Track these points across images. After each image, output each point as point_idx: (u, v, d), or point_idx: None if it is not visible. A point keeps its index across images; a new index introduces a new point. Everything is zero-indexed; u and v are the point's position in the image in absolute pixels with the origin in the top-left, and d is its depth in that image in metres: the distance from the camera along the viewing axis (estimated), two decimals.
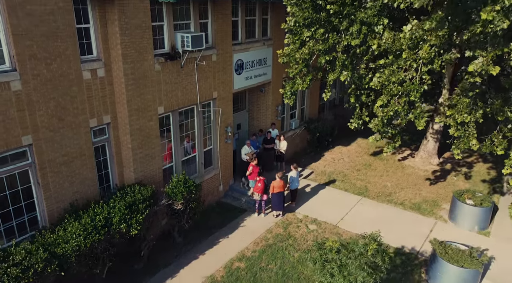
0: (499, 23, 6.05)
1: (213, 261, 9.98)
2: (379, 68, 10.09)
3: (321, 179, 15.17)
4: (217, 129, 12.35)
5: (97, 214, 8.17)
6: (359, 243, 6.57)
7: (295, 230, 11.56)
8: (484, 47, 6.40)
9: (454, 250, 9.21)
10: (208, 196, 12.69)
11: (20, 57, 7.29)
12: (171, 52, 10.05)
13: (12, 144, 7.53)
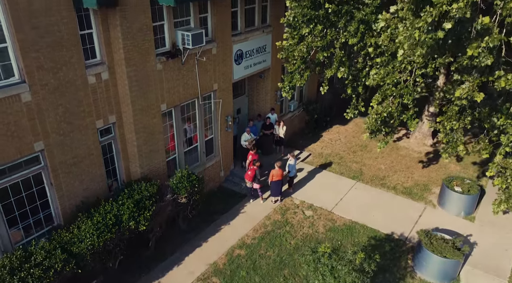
0: (483, 59, 6.30)
1: (216, 249, 10.77)
2: (375, 65, 10.31)
3: (318, 162, 15.75)
4: (218, 119, 12.73)
5: (107, 212, 8.79)
6: (349, 251, 7.21)
7: (292, 217, 12.29)
8: (470, 72, 6.64)
9: (439, 240, 9.95)
10: (210, 182, 13.32)
11: (29, 69, 7.55)
12: (172, 50, 10.22)
13: (25, 151, 7.97)
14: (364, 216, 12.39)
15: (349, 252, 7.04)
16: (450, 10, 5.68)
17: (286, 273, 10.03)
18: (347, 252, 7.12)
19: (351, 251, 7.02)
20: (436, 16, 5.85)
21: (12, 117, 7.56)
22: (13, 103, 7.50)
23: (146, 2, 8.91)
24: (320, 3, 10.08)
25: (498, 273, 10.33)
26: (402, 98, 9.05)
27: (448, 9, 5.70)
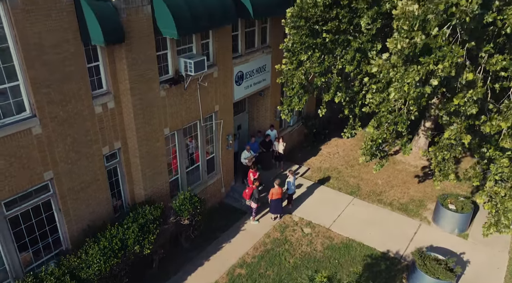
0: (469, 109, 6.66)
1: (217, 268, 11.13)
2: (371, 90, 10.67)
3: (317, 177, 16.12)
4: (219, 138, 13.09)
5: (113, 237, 9.15)
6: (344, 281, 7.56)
7: (291, 234, 12.66)
8: (458, 115, 7.01)
9: (432, 261, 10.31)
10: (211, 199, 13.68)
11: (39, 104, 7.91)
12: (175, 77, 10.57)
13: (35, 181, 8.33)
14: (361, 234, 12.76)
15: (345, 282, 7.41)
16: (436, 70, 6.05)
17: None
18: (343, 282, 7.48)
19: (346, 281, 7.38)
20: (423, 74, 6.22)
21: (24, 150, 7.91)
22: (24, 136, 7.85)
23: (150, 36, 9.26)
24: (318, 31, 10.45)
25: None
26: (397, 126, 9.42)
27: (434, 69, 6.08)
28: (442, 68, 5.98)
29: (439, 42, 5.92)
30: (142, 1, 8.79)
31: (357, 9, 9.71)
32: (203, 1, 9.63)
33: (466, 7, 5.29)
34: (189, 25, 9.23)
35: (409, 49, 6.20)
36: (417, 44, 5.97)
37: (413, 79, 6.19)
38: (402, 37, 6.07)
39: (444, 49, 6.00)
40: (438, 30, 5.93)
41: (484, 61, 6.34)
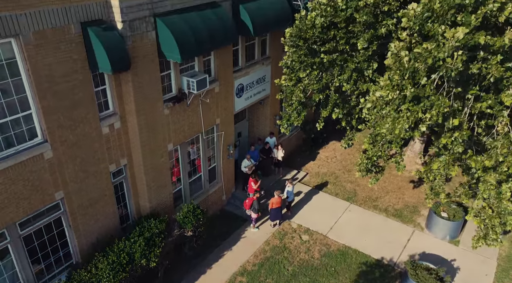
0: (455, 148, 7.08)
1: (219, 276, 11.68)
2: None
3: (315, 182, 16.61)
4: (220, 149, 13.52)
5: (121, 251, 9.66)
6: None
7: (290, 242, 13.20)
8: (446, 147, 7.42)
9: (423, 271, 10.85)
10: (213, 206, 14.19)
11: (50, 130, 8.31)
12: (178, 95, 10.95)
13: (47, 201, 8.79)
14: (357, 241, 13.30)
15: None
16: (424, 118, 6.46)
17: None
18: None
19: None
20: (412, 122, 6.61)
21: (36, 173, 8.35)
22: (37, 161, 8.28)
23: (155, 60, 9.61)
24: (316, 51, 10.79)
25: None
26: (391, 144, 9.84)
27: (423, 117, 6.49)
28: (429, 117, 6.42)
29: (428, 91, 6.33)
30: (147, 27, 9.12)
31: (354, 31, 10.04)
32: (206, 24, 9.95)
33: (451, 65, 5.68)
34: (192, 49, 9.58)
35: (399, 100, 6.62)
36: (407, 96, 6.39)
37: (402, 126, 6.64)
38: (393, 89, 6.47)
39: (432, 98, 6.41)
40: (426, 80, 6.32)
41: (470, 104, 6.77)
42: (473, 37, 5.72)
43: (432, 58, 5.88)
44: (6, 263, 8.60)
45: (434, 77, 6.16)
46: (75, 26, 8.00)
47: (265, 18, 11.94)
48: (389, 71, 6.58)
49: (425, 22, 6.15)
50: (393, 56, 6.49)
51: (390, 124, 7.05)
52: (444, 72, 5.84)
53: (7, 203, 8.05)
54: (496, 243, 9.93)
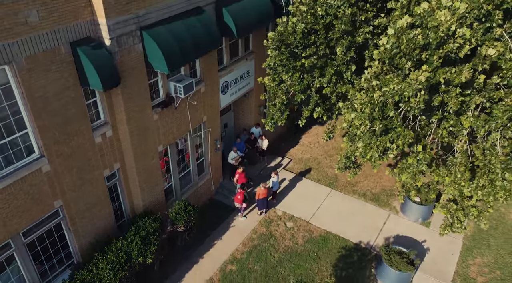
0: (420, 167, 7.86)
1: (211, 265, 12.63)
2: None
3: (298, 168, 17.47)
4: (208, 144, 14.10)
5: (119, 250, 10.40)
6: None
7: (275, 229, 14.18)
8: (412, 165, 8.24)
9: (396, 256, 11.99)
10: (203, 197, 14.95)
11: (46, 145, 8.74)
12: (166, 99, 11.35)
13: (47, 210, 9.36)
14: (337, 226, 14.38)
15: None
16: (392, 147, 7.14)
17: None
18: None
19: None
20: (381, 152, 7.31)
21: (36, 186, 8.85)
22: (36, 175, 8.76)
23: (143, 70, 9.94)
24: (297, 54, 11.23)
25: (443, 277, 12.62)
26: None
27: (390, 146, 7.17)
28: (395, 147, 7.11)
29: (395, 122, 6.98)
30: (134, 40, 9.39)
31: (333, 38, 10.49)
32: (191, 33, 10.23)
33: (414, 106, 6.32)
34: (178, 60, 9.91)
35: (370, 133, 7.24)
36: (376, 131, 7.03)
37: (373, 153, 7.34)
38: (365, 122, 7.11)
39: (398, 129, 7.08)
40: (394, 112, 6.97)
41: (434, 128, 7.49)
42: (435, 76, 6.35)
43: (398, 96, 6.52)
44: (13, 269, 9.25)
45: (400, 110, 6.84)
46: (65, 46, 8.25)
47: (248, 19, 12.20)
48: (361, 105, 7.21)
49: (394, 56, 6.73)
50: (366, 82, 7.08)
51: (362, 148, 7.79)
52: (409, 108, 6.52)
53: (11, 216, 8.58)
54: (461, 230, 11.05)
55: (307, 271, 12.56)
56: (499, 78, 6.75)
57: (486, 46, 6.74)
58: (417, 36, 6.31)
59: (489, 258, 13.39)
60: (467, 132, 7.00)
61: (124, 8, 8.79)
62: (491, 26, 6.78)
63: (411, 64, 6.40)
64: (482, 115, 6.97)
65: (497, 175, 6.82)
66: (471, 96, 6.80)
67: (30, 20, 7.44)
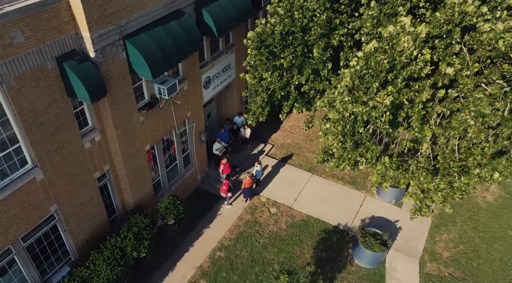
0: (388, 172, 8.65)
1: (200, 252, 13.51)
2: None
3: (280, 154, 18.23)
4: (193, 137, 14.62)
5: (113, 246, 11.08)
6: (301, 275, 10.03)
7: (260, 215, 15.09)
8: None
9: (370, 238, 13.10)
10: (190, 187, 15.63)
11: (39, 156, 9.13)
12: (151, 100, 11.72)
13: (43, 215, 9.87)
14: (318, 210, 15.38)
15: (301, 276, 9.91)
16: (361, 161, 7.84)
17: (257, 270, 13.07)
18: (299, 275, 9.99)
19: (302, 281, 9.87)
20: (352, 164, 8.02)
21: (32, 195, 9.31)
22: (31, 185, 9.20)
23: (127, 77, 10.24)
24: (276, 54, 11.67)
25: (413, 254, 13.89)
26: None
27: (360, 160, 7.87)
28: (365, 161, 7.82)
29: (364, 138, 7.64)
30: (118, 50, 9.64)
31: (310, 39, 10.96)
32: (173, 38, 10.50)
33: (380, 126, 6.96)
34: (162, 66, 10.23)
35: (342, 149, 7.92)
36: (347, 148, 7.68)
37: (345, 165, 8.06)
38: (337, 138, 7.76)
39: (367, 144, 7.76)
40: (363, 129, 7.62)
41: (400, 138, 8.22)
42: (399, 96, 7.01)
43: (367, 116, 7.16)
44: (15, 271, 9.85)
45: (369, 126, 7.52)
46: (51, 62, 8.49)
47: (228, 17, 12.45)
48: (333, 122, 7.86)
49: (363, 76, 7.29)
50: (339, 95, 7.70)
51: (336, 161, 8.52)
52: (376, 127, 7.21)
53: (10, 224, 9.08)
54: (429, 214, 12.11)
55: (290, 254, 13.60)
56: (457, 92, 7.47)
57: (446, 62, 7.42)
58: (383, 60, 6.91)
59: (454, 234, 14.72)
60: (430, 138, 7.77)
61: (106, 20, 8.99)
62: (450, 42, 7.41)
63: (378, 84, 7.02)
64: (444, 123, 7.73)
65: (455, 178, 7.72)
66: (433, 106, 7.53)
67: (16, 41, 7.64)
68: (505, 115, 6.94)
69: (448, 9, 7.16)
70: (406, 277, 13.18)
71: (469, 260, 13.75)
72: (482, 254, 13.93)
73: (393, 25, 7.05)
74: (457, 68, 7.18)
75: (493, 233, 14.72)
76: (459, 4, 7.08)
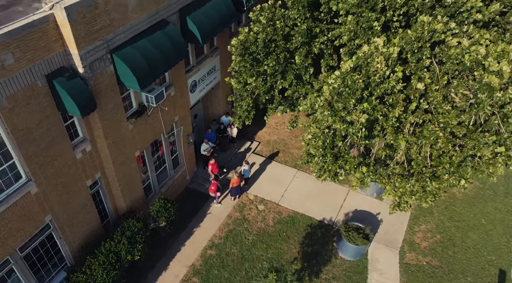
0: (366, 180, 9.22)
1: (192, 251, 14.05)
2: None
3: (266, 151, 18.76)
4: (181, 140, 15.00)
5: (108, 251, 11.52)
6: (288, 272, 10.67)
7: (248, 213, 15.67)
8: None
9: (353, 232, 13.84)
10: (179, 188, 16.07)
11: (32, 170, 9.43)
12: (139, 109, 12.02)
13: (39, 225, 10.22)
14: (303, 205, 16.04)
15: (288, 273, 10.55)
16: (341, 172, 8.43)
17: (247, 266, 13.71)
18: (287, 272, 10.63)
19: (290, 279, 10.51)
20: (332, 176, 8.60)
21: (27, 207, 9.64)
22: (26, 198, 9.51)
23: (115, 89, 10.51)
24: (260, 60, 12.07)
25: (393, 245, 14.73)
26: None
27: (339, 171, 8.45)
28: (343, 172, 8.39)
29: (342, 151, 8.18)
30: (105, 63, 9.89)
31: (292, 47, 11.38)
32: (159, 49, 10.77)
33: (357, 141, 7.49)
34: (149, 77, 10.53)
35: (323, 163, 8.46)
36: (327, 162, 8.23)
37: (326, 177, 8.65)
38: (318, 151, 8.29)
39: (345, 157, 8.30)
40: (342, 143, 8.16)
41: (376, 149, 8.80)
42: (373, 113, 7.54)
43: (344, 131, 7.70)
44: (13, 280, 10.22)
45: (347, 140, 8.07)
46: (41, 80, 8.73)
47: (212, 23, 12.72)
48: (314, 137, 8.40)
49: (341, 93, 7.78)
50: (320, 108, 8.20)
51: (317, 171, 9.08)
52: (354, 142, 7.75)
53: (7, 237, 9.42)
54: (407, 209, 12.88)
55: (278, 250, 14.28)
56: (427, 104, 8.06)
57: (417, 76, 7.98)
58: (358, 80, 7.40)
59: (432, 225, 15.60)
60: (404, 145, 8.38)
61: (93, 36, 9.22)
62: (421, 57, 7.96)
63: (354, 100, 7.53)
64: (417, 131, 8.34)
65: (427, 183, 8.36)
66: (406, 117, 8.12)
67: (7, 64, 7.87)
68: (470, 127, 7.58)
69: (419, 27, 7.68)
70: (387, 267, 14.02)
71: (445, 249, 14.66)
72: (457, 243, 14.86)
73: (367, 45, 7.54)
74: (427, 82, 7.73)
75: (467, 222, 15.65)
76: (428, 23, 7.60)
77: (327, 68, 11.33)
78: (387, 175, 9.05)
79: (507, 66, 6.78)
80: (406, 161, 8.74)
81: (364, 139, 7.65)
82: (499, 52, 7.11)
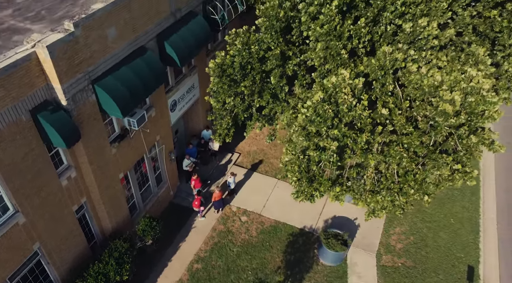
0: (341, 197, 9.95)
1: (178, 266, 14.46)
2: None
3: (247, 162, 19.32)
4: (163, 157, 15.37)
5: (96, 273, 11.81)
6: None
7: (232, 225, 16.19)
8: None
9: (333, 239, 14.57)
10: (163, 203, 16.43)
11: (19, 202, 9.66)
12: (121, 132, 12.36)
13: (27, 254, 10.45)
14: (284, 214, 16.67)
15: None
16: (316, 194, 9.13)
17: (232, 278, 14.23)
18: None
19: None
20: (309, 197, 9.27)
21: (15, 238, 9.86)
22: (14, 228, 9.74)
23: (97, 117, 10.84)
24: (237, 81, 12.61)
25: (371, 249, 15.56)
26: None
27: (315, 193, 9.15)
28: (318, 194, 9.10)
29: (317, 174, 8.88)
30: (87, 94, 10.22)
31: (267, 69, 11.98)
32: (139, 76, 11.15)
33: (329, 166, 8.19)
34: (130, 105, 10.91)
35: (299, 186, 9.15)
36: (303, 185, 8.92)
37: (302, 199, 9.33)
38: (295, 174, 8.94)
39: (319, 179, 9.03)
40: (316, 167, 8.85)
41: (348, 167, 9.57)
42: (343, 140, 8.24)
43: (318, 158, 8.36)
44: None
45: (320, 164, 8.76)
46: (25, 115, 8.99)
47: (189, 47, 13.17)
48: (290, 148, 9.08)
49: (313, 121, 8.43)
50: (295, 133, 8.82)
51: (294, 193, 9.74)
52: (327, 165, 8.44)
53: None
54: (381, 215, 13.68)
55: (262, 260, 14.86)
56: (392, 126, 8.81)
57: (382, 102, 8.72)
58: (328, 109, 8.06)
59: (406, 227, 16.54)
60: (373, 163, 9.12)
61: (75, 69, 9.54)
62: (385, 83, 8.69)
63: (326, 128, 8.19)
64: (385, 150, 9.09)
65: (395, 197, 9.13)
66: (374, 137, 8.84)
67: None
68: (430, 148, 8.36)
69: (381, 56, 8.41)
70: (365, 270, 14.83)
71: (418, 249, 15.61)
72: (429, 243, 15.83)
73: (335, 76, 8.21)
74: (391, 107, 8.48)
75: (438, 222, 16.67)
76: (389, 54, 8.34)
77: (301, 87, 11.98)
78: (359, 192, 9.76)
79: (458, 96, 7.58)
80: (375, 178, 9.48)
81: (336, 164, 8.33)
82: (452, 80, 7.91)
